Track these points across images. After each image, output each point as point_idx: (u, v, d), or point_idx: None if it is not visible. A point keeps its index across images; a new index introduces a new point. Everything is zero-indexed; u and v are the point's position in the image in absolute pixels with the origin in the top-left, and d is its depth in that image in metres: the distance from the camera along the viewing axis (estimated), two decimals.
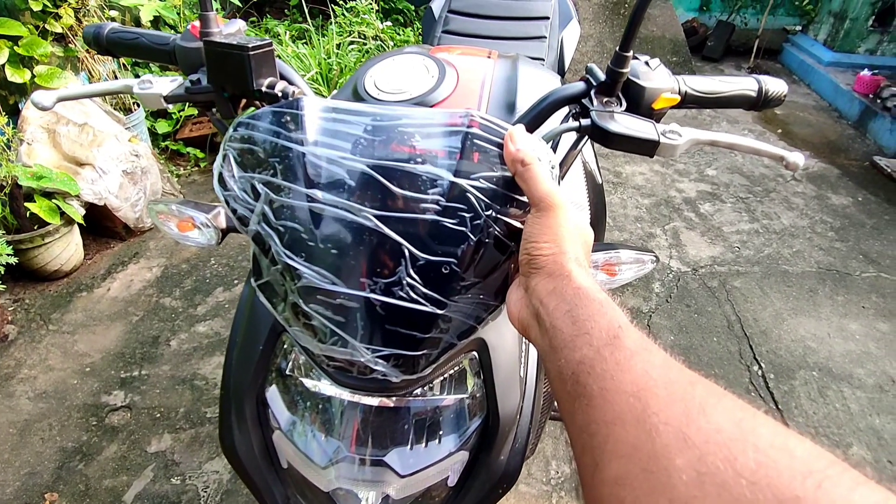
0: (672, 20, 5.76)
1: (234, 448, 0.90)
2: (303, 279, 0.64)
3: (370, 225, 0.62)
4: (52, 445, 2.14)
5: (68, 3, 3.09)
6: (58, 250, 2.81)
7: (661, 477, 0.34)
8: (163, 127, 3.88)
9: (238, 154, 0.68)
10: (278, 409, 0.86)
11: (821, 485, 0.30)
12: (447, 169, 0.63)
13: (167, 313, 2.76)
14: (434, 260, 0.63)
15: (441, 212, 0.62)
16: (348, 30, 4.15)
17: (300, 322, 0.68)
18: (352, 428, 0.80)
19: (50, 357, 2.51)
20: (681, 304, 2.94)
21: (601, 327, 0.47)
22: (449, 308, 0.65)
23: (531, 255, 0.57)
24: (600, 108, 0.82)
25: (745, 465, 0.32)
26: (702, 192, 3.97)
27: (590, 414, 0.42)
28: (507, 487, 0.91)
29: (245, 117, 0.69)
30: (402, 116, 0.67)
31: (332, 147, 0.65)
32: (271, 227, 0.65)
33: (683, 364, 0.43)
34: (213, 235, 1.00)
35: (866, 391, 2.49)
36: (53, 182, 2.63)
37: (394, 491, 0.82)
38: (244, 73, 0.82)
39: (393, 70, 1.15)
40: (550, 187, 0.59)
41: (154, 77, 0.93)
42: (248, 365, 0.88)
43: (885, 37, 5.84)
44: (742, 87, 0.92)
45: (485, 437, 0.88)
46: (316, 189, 0.63)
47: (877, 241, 3.51)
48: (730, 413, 0.36)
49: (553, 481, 2.06)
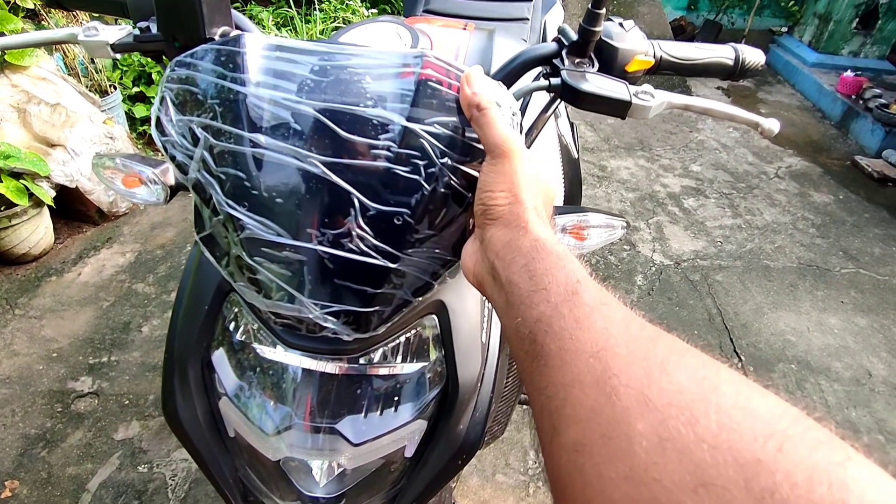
0: (660, 18, 5.78)
1: (177, 415, 0.85)
2: (246, 230, 0.60)
3: (317, 172, 0.58)
4: (14, 432, 2.09)
5: None
6: (26, 233, 2.74)
7: (622, 443, 0.32)
8: (141, 111, 3.81)
9: (176, 96, 0.63)
10: (225, 373, 0.81)
11: (781, 447, 0.28)
12: (399, 113, 0.59)
13: (139, 299, 2.71)
14: (385, 210, 0.59)
15: (393, 158, 0.58)
16: (333, 16, 4.12)
17: (245, 277, 0.64)
18: (304, 395, 0.76)
19: (15, 342, 2.45)
20: (662, 296, 2.95)
21: (559, 282, 0.43)
22: (402, 262, 0.61)
23: (486, 205, 0.53)
24: (572, 68, 0.79)
25: (706, 427, 0.30)
26: (686, 188, 3.99)
27: (548, 375, 0.39)
28: (468, 458, 0.88)
29: (183, 56, 0.65)
30: (352, 56, 0.63)
31: (276, 88, 0.60)
32: (212, 175, 0.60)
33: (644, 319, 0.40)
34: (160, 193, 0.95)
35: (843, 384, 2.51)
36: (22, 162, 2.58)
37: (346, 460, 0.78)
38: (196, 20, 0.76)
39: (365, 36, 1.11)
40: (507, 133, 0.54)
41: (101, 24, 0.88)
42: (193, 327, 0.83)
43: (868, 39, 5.93)
44: (719, 54, 0.90)
45: (444, 405, 0.84)
46: (259, 133, 0.59)
47: (857, 239, 3.55)
48: (692, 371, 0.34)
49: (531, 471, 2.05)
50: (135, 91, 3.86)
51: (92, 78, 3.43)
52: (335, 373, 0.76)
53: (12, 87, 2.87)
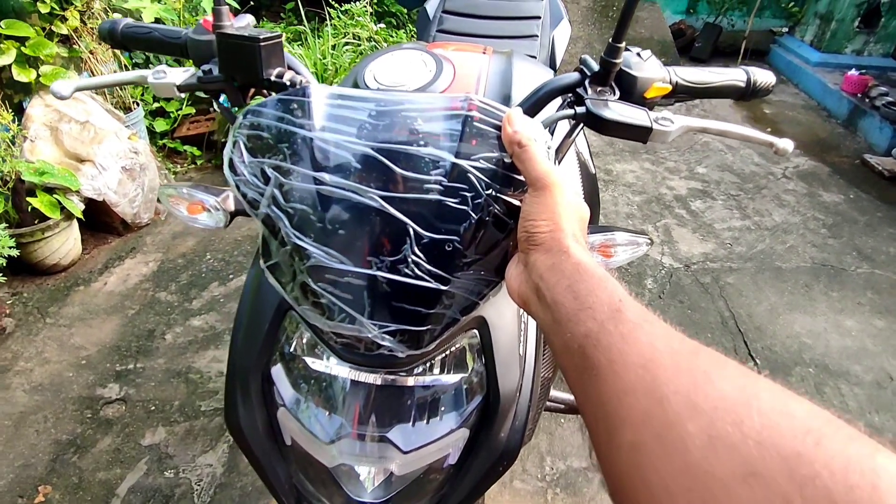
0: (660, 22, 5.82)
1: (239, 425, 0.91)
2: (311, 259, 0.66)
3: (376, 205, 0.65)
4: (46, 438, 2.15)
5: (74, 6, 3.15)
6: (57, 244, 2.83)
7: (676, 442, 0.36)
8: (161, 125, 3.92)
9: (247, 140, 0.70)
10: (283, 386, 0.88)
11: (819, 441, 0.32)
12: (448, 150, 0.66)
13: (163, 307, 2.77)
14: (437, 238, 0.65)
15: (443, 191, 0.65)
16: (343, 31, 4.19)
17: (309, 301, 0.70)
18: (355, 406, 0.82)
19: (46, 350, 2.52)
20: (674, 300, 2.96)
21: (603, 301, 0.48)
22: (452, 284, 0.67)
23: (529, 233, 0.58)
24: (594, 97, 0.85)
25: (751, 427, 0.34)
26: (693, 190, 4.00)
27: (599, 385, 0.44)
28: (507, 465, 0.93)
29: (254, 105, 0.72)
30: (405, 101, 0.69)
31: (338, 132, 0.68)
32: (281, 210, 0.67)
33: (683, 334, 0.45)
34: (221, 218, 1.03)
35: (864, 388, 2.49)
36: (55, 178, 2.68)
37: (396, 467, 0.84)
38: (255, 63, 0.85)
39: (392, 64, 1.18)
40: (547, 167, 0.60)
41: (168, 68, 0.97)
42: (254, 343, 0.90)
43: (871, 37, 5.93)
44: (731, 77, 0.95)
45: (485, 414, 0.90)
46: (324, 172, 0.66)
47: (870, 238, 3.53)
48: (733, 380, 0.38)
49: (548, 477, 2.08)
50: (155, 106, 3.96)
51: (116, 95, 3.52)
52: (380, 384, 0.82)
53: (46, 106, 2.98)
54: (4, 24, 2.82)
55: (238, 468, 2.06)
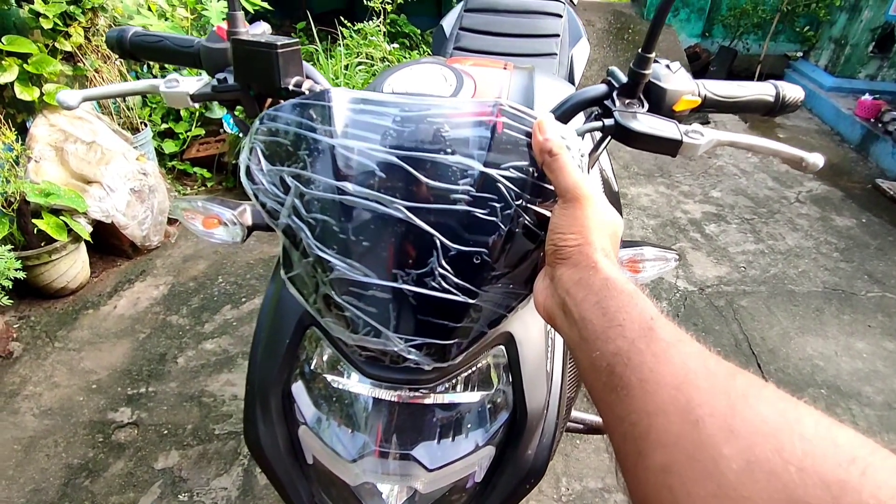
0: (675, 46, 5.83)
1: (259, 443, 0.89)
2: (335, 271, 0.64)
3: (401, 216, 0.63)
4: (57, 462, 2.12)
5: (78, 22, 3.10)
6: (64, 267, 2.81)
7: (709, 465, 0.35)
8: (170, 147, 3.89)
9: (265, 147, 0.68)
10: (304, 403, 0.86)
11: (865, 471, 0.31)
12: (477, 159, 0.63)
13: (174, 331, 2.75)
14: (465, 250, 0.63)
15: (471, 202, 0.63)
16: (356, 51, 4.19)
17: (332, 313, 0.68)
18: (378, 424, 0.80)
19: (55, 374, 2.50)
20: (688, 322, 2.94)
21: (633, 318, 0.47)
22: (480, 297, 0.65)
23: (557, 246, 0.57)
24: (623, 109, 0.83)
25: (792, 453, 0.33)
26: (707, 213, 3.99)
27: (630, 404, 0.43)
28: (534, 483, 0.91)
29: (272, 110, 0.70)
30: (431, 106, 0.67)
31: (360, 139, 0.65)
32: (302, 220, 0.65)
33: (719, 355, 0.43)
34: (238, 232, 1.01)
35: (875, 409, 2.48)
36: (61, 199, 2.64)
37: (421, 485, 0.82)
38: (272, 71, 0.83)
39: (411, 78, 1.15)
40: (577, 178, 0.58)
41: (180, 76, 0.94)
42: (274, 360, 0.88)
43: (885, 62, 5.91)
44: (760, 91, 0.93)
45: (512, 432, 0.88)
46: (346, 182, 0.64)
47: (881, 262, 3.52)
48: (773, 403, 0.37)
49: (564, 498, 2.05)
50: (163, 127, 3.93)
51: (123, 116, 3.51)
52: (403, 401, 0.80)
53: (50, 126, 2.94)
54: (6, 41, 2.77)
55: (253, 491, 2.03)
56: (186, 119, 3.99)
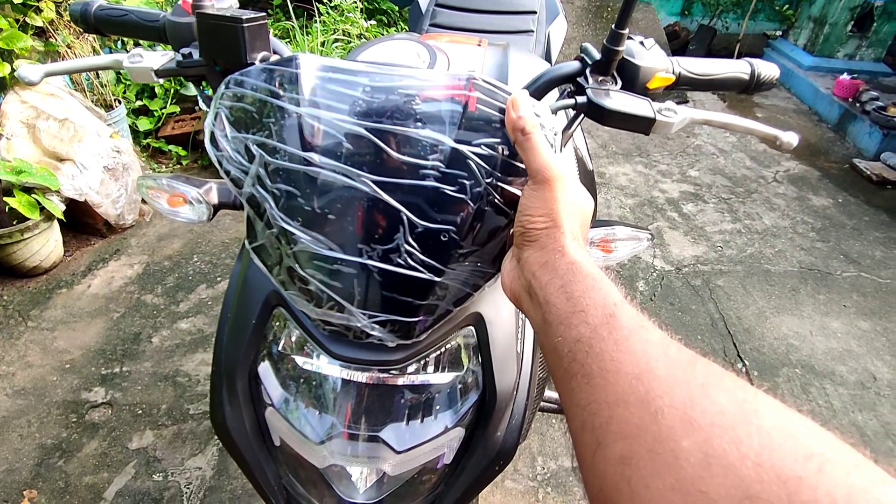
0: (654, 24, 5.81)
1: (226, 425, 0.88)
2: (299, 244, 0.63)
3: (368, 191, 0.61)
4: (30, 442, 2.10)
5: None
6: (37, 246, 2.76)
7: (668, 458, 0.35)
8: (144, 124, 3.83)
9: (230, 113, 0.66)
10: (271, 385, 0.84)
11: (822, 468, 0.30)
12: (448, 134, 0.62)
13: (149, 310, 2.72)
14: (433, 227, 0.62)
15: (440, 178, 0.61)
16: (333, 28, 4.14)
17: (296, 286, 0.67)
18: (346, 405, 0.79)
19: (28, 354, 2.47)
20: (665, 302, 2.96)
21: (596, 304, 0.46)
22: (446, 275, 0.64)
23: (525, 228, 0.56)
24: (596, 86, 0.82)
25: (749, 446, 0.32)
26: (684, 193, 4.01)
27: (590, 393, 0.42)
28: (504, 465, 0.90)
29: (238, 74, 0.68)
30: (403, 77, 0.65)
31: (328, 108, 0.63)
32: (266, 190, 0.64)
33: (679, 342, 0.43)
34: (204, 211, 0.98)
35: (848, 388, 2.52)
36: (33, 177, 2.59)
37: (389, 467, 0.81)
38: (237, 45, 0.80)
39: (384, 54, 1.13)
40: (549, 159, 0.57)
41: (144, 51, 0.91)
42: (241, 340, 0.86)
43: (863, 42, 5.95)
44: (735, 69, 0.92)
45: (481, 413, 0.87)
46: (313, 152, 0.62)
47: (857, 242, 3.57)
48: (732, 394, 0.36)
49: (539, 477, 2.07)
50: (138, 105, 3.87)
51: (97, 92, 3.44)
52: (372, 383, 0.79)
53: (22, 103, 2.87)
54: None
55: (228, 471, 2.02)
56: (161, 96, 3.92)
